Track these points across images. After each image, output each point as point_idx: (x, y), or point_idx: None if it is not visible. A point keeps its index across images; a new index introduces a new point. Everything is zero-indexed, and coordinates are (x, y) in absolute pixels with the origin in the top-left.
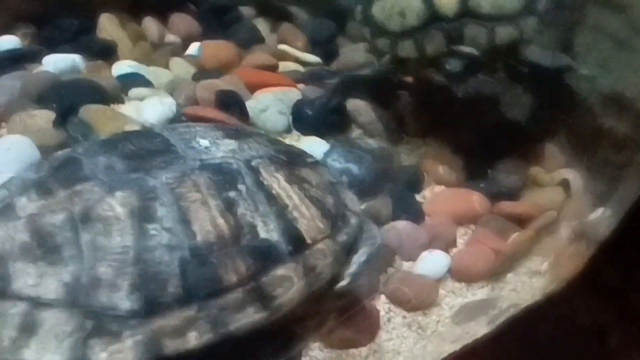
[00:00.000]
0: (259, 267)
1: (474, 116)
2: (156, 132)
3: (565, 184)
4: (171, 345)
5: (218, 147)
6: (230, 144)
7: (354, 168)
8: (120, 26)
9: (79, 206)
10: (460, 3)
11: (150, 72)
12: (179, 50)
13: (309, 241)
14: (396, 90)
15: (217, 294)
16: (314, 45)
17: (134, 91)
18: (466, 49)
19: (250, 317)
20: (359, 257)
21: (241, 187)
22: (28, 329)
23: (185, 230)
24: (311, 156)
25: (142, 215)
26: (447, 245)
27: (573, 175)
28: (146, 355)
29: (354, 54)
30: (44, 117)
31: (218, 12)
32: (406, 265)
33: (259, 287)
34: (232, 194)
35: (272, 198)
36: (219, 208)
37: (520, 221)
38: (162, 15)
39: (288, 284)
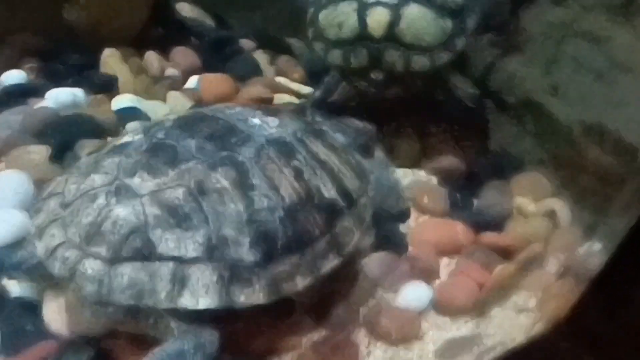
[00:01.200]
0: (330, 221)
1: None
2: (216, 115)
3: (552, 215)
4: (286, 288)
5: (268, 124)
6: (274, 121)
7: None
8: (122, 60)
9: (192, 181)
10: (388, 29)
11: (148, 105)
12: (179, 83)
13: (355, 197)
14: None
15: (309, 244)
16: (311, 77)
17: (130, 125)
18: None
19: (331, 262)
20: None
21: (299, 156)
22: (179, 282)
23: (276, 195)
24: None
25: (243, 185)
26: (430, 276)
27: (560, 206)
28: (270, 297)
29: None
30: (40, 152)
31: (219, 45)
32: (387, 297)
33: (334, 237)
34: (296, 162)
35: (322, 163)
36: (292, 175)
37: (506, 253)
38: (164, 49)
39: (351, 234)
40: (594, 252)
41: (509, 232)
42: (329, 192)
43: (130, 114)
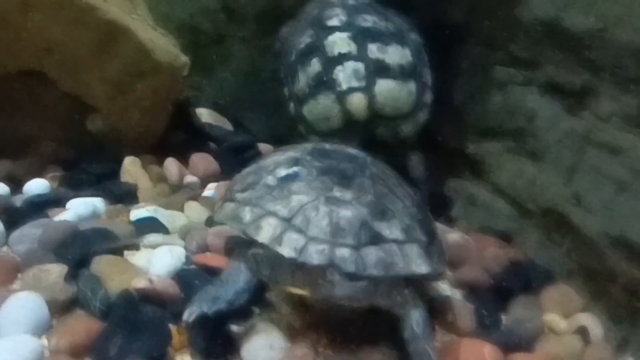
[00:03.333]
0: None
1: None
2: (331, 148)
3: (583, 331)
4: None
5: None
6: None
7: None
8: (142, 168)
9: (371, 189)
10: (368, 109)
11: (166, 216)
12: (197, 190)
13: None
14: None
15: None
16: None
17: (148, 238)
18: None
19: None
20: None
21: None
22: (405, 256)
23: (404, 193)
24: None
25: (391, 190)
26: None
27: (591, 321)
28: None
29: None
30: (56, 271)
31: (237, 150)
32: None
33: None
34: (392, 175)
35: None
36: (397, 181)
37: None
38: (184, 155)
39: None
40: None
41: (540, 352)
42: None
43: (148, 224)
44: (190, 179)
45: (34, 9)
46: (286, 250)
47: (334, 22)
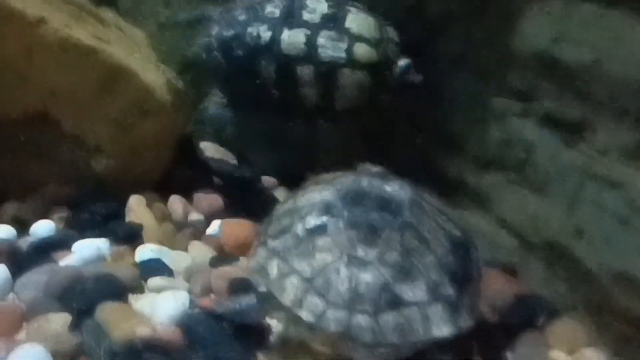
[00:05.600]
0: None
1: None
2: (364, 189)
3: None
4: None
5: (395, 188)
6: (394, 184)
7: None
8: (147, 207)
9: (397, 245)
10: None
11: (170, 256)
12: (202, 227)
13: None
14: None
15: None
16: None
17: (152, 281)
18: None
19: None
20: None
21: (427, 207)
22: (425, 319)
23: (439, 240)
24: None
25: (422, 240)
26: None
27: (597, 356)
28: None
29: None
30: (60, 321)
31: (241, 185)
32: None
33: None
34: (430, 213)
35: (439, 210)
36: (435, 222)
37: None
38: (188, 191)
39: None
40: None
41: None
42: (456, 231)
43: (152, 266)
44: (194, 216)
45: (38, 54)
46: (305, 314)
47: None
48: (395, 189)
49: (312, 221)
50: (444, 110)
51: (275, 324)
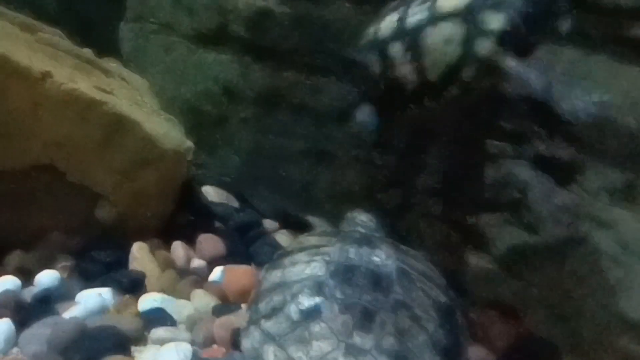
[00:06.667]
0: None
1: None
2: (353, 264)
3: None
4: None
5: (383, 258)
6: (381, 253)
7: None
8: (151, 253)
9: (393, 329)
10: None
11: (173, 305)
12: (205, 274)
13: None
14: None
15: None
16: None
17: (155, 332)
18: None
19: None
20: None
21: (414, 275)
22: None
23: (429, 313)
24: None
25: (415, 318)
26: None
27: None
28: None
29: None
30: None
31: (243, 229)
32: None
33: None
34: (417, 283)
35: (424, 274)
36: (424, 293)
37: None
38: (191, 237)
39: None
40: None
41: None
42: (442, 296)
43: (155, 316)
44: (197, 262)
45: (43, 108)
46: None
47: None
48: (382, 258)
49: (306, 302)
50: (443, 153)
51: None
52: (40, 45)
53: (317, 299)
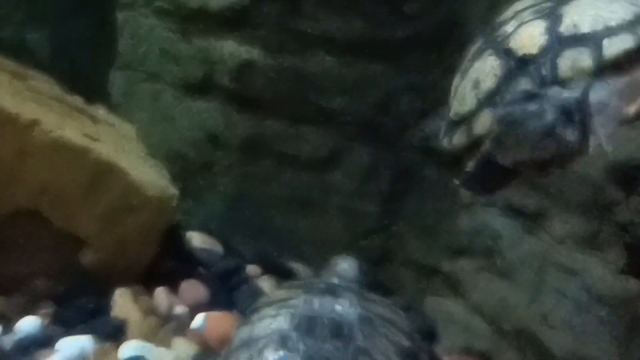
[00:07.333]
0: None
1: None
2: (315, 314)
3: None
4: None
5: (345, 306)
6: (344, 301)
7: None
8: (133, 300)
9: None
10: None
11: (154, 353)
12: (186, 321)
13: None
14: None
15: None
16: None
17: None
18: None
19: None
20: None
21: (377, 322)
22: None
23: None
24: None
25: None
26: None
27: None
28: None
29: None
30: None
31: (226, 275)
32: None
33: None
34: (380, 329)
35: (387, 319)
36: (386, 341)
37: None
38: (174, 283)
39: None
40: None
41: None
42: (405, 341)
43: None
44: (179, 309)
45: (30, 155)
46: None
47: None
48: (345, 307)
49: (270, 357)
50: (418, 200)
51: None
52: (31, 93)
53: (281, 353)
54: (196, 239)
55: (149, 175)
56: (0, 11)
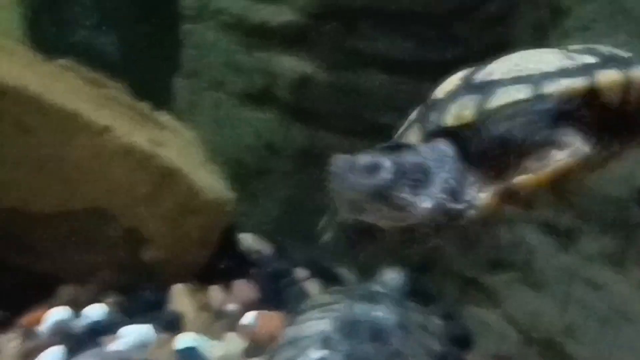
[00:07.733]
0: None
1: None
2: (355, 319)
3: None
4: None
5: (382, 311)
6: (381, 307)
7: None
8: (189, 296)
9: None
10: None
11: (207, 345)
12: (237, 317)
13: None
14: None
15: None
16: None
17: None
18: None
19: None
20: None
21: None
22: None
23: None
24: None
25: None
26: None
27: None
28: None
29: None
30: None
31: (276, 276)
32: None
33: None
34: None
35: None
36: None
37: None
38: (228, 281)
39: None
40: None
41: None
42: (437, 345)
43: (189, 355)
44: (231, 306)
45: (102, 158)
46: None
47: None
48: (383, 313)
49: (313, 355)
50: None
51: None
52: (104, 99)
53: (324, 352)
54: (250, 241)
55: (209, 180)
56: (72, 15)
